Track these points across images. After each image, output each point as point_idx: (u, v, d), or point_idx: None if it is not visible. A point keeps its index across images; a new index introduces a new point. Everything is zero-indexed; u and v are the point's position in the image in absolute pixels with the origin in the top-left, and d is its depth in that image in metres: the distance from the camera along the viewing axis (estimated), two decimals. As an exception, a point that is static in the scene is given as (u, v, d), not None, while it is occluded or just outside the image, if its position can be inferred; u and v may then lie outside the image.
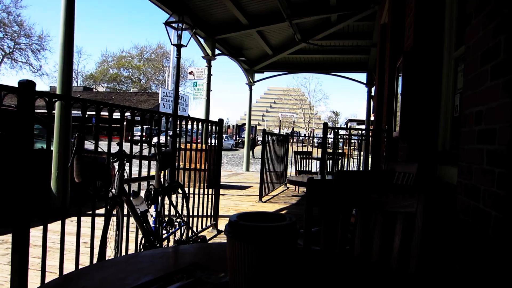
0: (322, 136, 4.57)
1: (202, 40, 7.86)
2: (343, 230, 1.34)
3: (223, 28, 7.69)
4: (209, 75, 8.19)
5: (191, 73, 8.76)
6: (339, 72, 10.92)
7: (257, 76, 11.64)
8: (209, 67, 8.15)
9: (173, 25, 5.53)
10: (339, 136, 6.29)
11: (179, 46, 5.78)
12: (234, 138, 40.31)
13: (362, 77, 15.56)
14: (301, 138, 44.19)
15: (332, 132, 4.79)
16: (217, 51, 8.41)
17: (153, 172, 2.83)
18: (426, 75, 2.90)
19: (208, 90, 8.19)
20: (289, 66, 11.19)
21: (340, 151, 6.85)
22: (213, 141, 5.50)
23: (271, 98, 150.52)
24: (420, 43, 2.92)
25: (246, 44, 9.51)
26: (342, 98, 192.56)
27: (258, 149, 28.68)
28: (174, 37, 5.71)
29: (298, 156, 7.36)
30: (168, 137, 4.28)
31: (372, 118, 9.21)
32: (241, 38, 8.64)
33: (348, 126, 36.04)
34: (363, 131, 6.25)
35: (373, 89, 10.60)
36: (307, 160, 7.40)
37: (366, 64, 10.35)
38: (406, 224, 1.23)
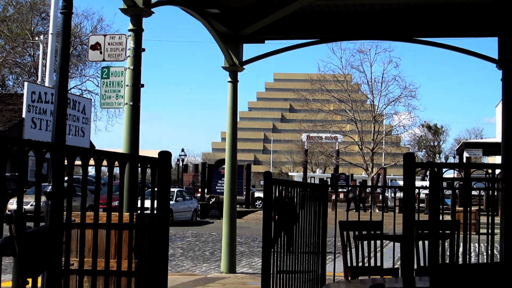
0: (403, 184, 4.55)
1: (120, -26, 8.02)
2: None
3: None
4: (138, 50, 8.28)
5: (95, 47, 8.86)
6: (433, 37, 11.10)
7: (249, 51, 11.76)
8: (137, 32, 8.27)
9: None
10: (444, 184, 6.27)
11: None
12: (198, 195, 40.15)
13: (489, 45, 15.79)
14: (355, 190, 43.67)
15: (427, 174, 4.84)
16: (155, -3, 8.55)
17: (6, 283, 2.81)
18: None
19: (137, 85, 8.25)
20: (321, 25, 11.39)
21: (447, 217, 6.77)
22: (147, 203, 5.47)
23: (282, 98, 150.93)
24: None
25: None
26: (447, 93, 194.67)
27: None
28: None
29: (350, 232, 7.34)
30: (44, 199, 4.24)
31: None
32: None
33: (464, 159, 36.04)
34: (498, 171, 6.27)
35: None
36: (371, 242, 7.37)
37: (495, 15, 10.53)
38: None
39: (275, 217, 6.47)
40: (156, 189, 4.16)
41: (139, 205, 4.70)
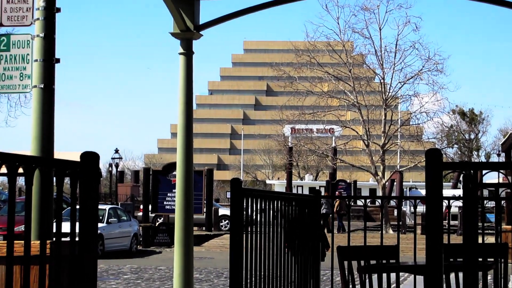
0: (426, 194, 4.59)
1: None
2: None
3: None
4: (51, 11, 8.26)
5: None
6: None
7: (208, 11, 11.75)
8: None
9: None
10: (484, 192, 6.32)
11: None
12: (140, 214, 40.10)
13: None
14: (358, 203, 43.78)
15: (461, 178, 4.92)
16: None
17: None
18: None
19: (50, 60, 8.23)
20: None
21: (490, 239, 6.82)
22: (65, 227, 5.48)
23: (256, 76, 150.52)
24: None
25: None
26: (487, 66, 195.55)
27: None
28: None
29: (353, 262, 7.40)
30: None
31: None
32: None
33: None
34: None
35: None
36: (383, 276, 7.46)
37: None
38: None
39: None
40: (78, 206, 4.13)
41: (54, 230, 4.67)
